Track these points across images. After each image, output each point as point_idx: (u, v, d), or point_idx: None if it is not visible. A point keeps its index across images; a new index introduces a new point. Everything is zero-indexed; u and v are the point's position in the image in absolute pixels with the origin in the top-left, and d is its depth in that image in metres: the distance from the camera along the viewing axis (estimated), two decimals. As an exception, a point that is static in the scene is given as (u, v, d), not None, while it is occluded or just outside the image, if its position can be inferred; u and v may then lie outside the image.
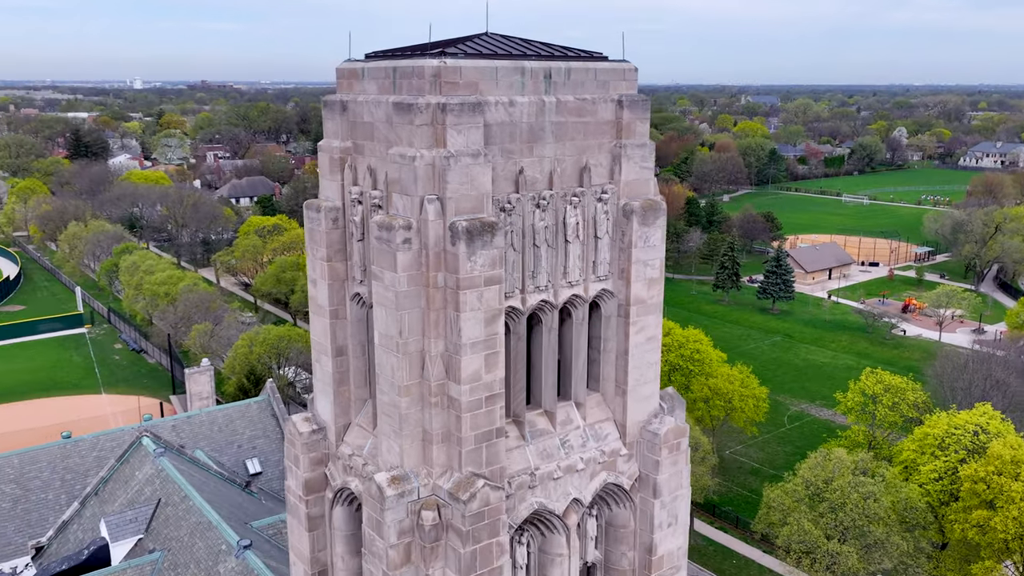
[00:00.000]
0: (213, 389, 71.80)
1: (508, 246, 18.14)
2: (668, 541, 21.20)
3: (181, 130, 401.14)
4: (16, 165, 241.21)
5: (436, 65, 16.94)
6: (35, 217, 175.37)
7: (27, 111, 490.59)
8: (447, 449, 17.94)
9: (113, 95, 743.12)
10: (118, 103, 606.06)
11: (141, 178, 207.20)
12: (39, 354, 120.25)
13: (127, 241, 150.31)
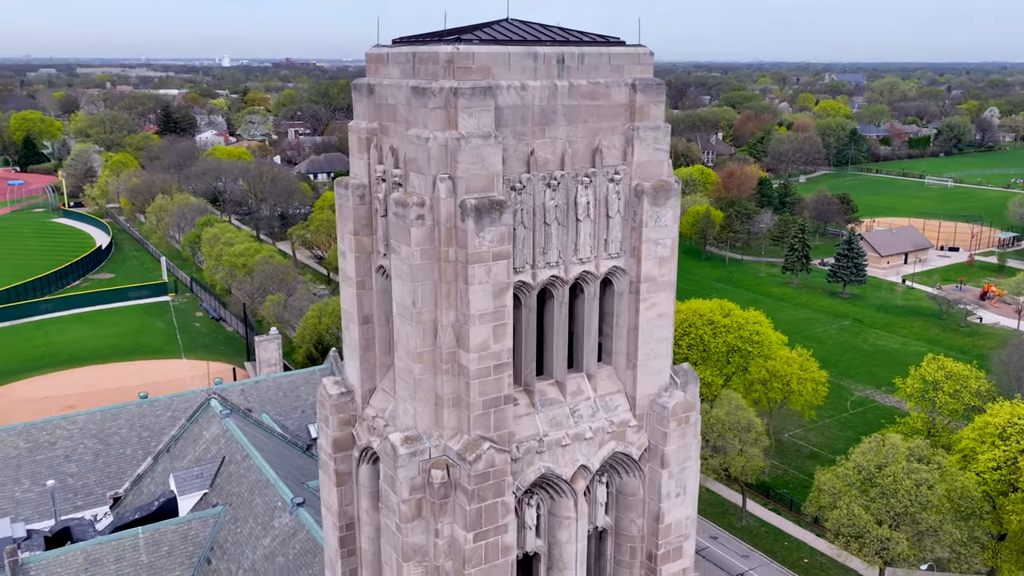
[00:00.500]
0: (280, 356, 74.89)
1: (519, 223, 19.03)
2: (676, 510, 21.93)
3: (264, 107, 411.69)
4: (110, 140, 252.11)
5: (450, 51, 17.87)
6: (126, 190, 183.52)
7: (122, 88, 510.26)
8: (457, 413, 19.06)
9: (202, 72, 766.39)
10: (207, 80, 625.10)
11: (224, 153, 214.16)
12: (126, 320, 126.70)
13: (210, 214, 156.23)
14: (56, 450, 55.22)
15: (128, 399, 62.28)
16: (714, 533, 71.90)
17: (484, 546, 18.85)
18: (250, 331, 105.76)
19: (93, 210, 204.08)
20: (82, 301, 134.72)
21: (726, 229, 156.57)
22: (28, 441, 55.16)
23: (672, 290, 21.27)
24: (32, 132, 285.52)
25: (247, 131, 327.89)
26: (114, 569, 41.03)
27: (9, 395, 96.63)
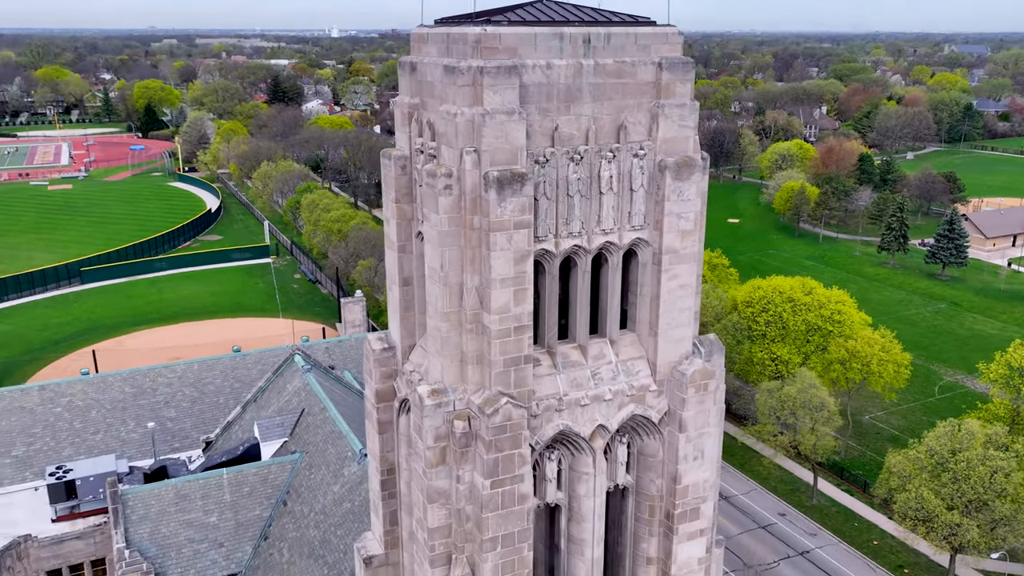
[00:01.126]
0: (365, 318, 78.02)
1: (541, 195, 20.13)
2: (693, 473, 22.80)
3: (369, 77, 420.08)
4: (222, 108, 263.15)
5: (478, 32, 19.01)
6: (235, 156, 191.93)
7: (237, 58, 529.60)
8: (480, 370, 20.45)
9: (312, 43, 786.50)
10: (315, 51, 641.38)
11: (327, 123, 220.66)
12: (230, 279, 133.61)
13: (310, 180, 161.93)
14: (157, 396, 59.71)
15: (225, 353, 66.43)
16: (783, 510, 71.59)
17: (501, 493, 20.28)
18: (342, 294, 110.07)
19: (205, 175, 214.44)
20: (192, 261, 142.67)
21: (821, 206, 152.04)
22: (133, 387, 59.81)
23: (695, 262, 21.98)
24: (153, 100, 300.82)
25: (350, 101, 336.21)
26: (200, 505, 44.55)
27: (124, 344, 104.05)
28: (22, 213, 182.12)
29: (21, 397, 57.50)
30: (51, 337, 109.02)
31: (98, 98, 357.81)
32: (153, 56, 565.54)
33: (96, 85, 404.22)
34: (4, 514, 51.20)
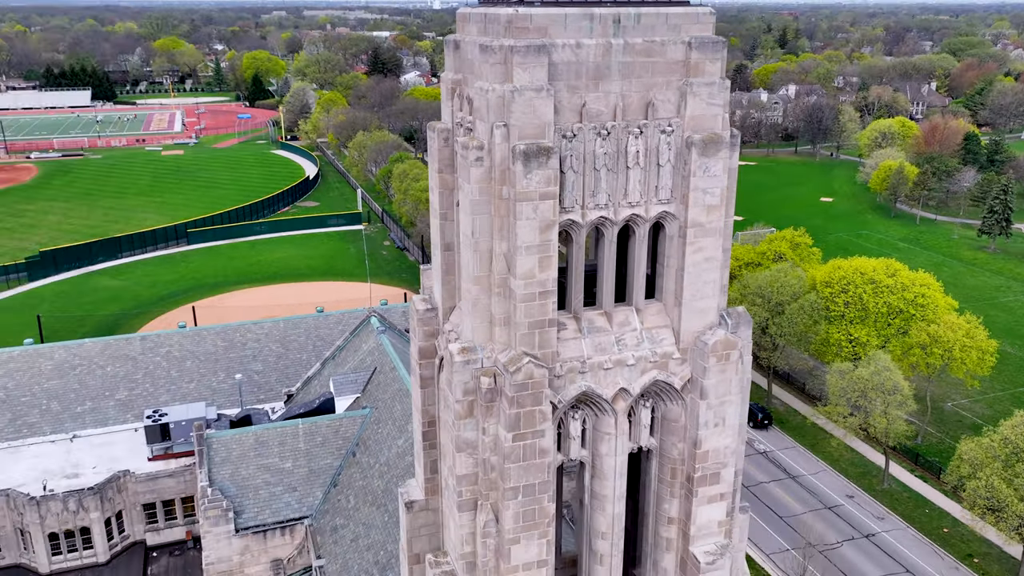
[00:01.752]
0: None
1: (568, 168, 21.12)
2: (714, 439, 23.57)
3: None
4: (323, 79, 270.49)
5: (510, 13, 20.05)
6: (333, 126, 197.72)
7: (340, 30, 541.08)
8: (507, 331, 21.73)
9: (414, 15, 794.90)
10: (416, 23, 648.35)
11: (423, 94, 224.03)
12: (323, 244, 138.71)
13: (403, 151, 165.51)
14: (246, 350, 63.54)
15: (310, 313, 69.88)
16: (851, 492, 70.67)
17: (522, 446, 21.60)
18: (425, 261, 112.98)
19: (305, 143, 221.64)
20: (289, 225, 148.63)
21: (920, 186, 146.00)
22: (225, 340, 63.78)
23: (720, 236, 22.56)
24: (260, 71, 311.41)
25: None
26: (277, 451, 47.67)
27: (224, 302, 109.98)
28: (138, 177, 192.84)
29: (125, 346, 62.17)
30: (158, 293, 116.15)
31: (210, 68, 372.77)
32: (263, 28, 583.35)
33: (209, 55, 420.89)
34: (107, 451, 55.83)
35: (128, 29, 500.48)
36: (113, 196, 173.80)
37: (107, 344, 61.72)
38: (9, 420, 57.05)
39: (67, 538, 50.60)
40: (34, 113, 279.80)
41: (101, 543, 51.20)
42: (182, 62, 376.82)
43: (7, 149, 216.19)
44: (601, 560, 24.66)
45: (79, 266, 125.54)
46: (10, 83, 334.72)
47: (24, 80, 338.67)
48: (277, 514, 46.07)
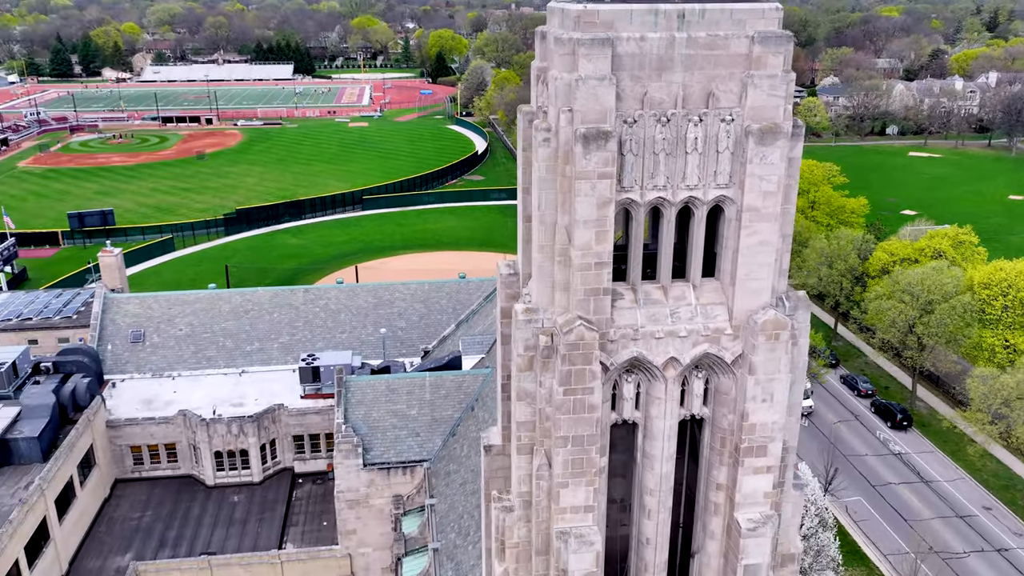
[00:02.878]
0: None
1: (628, 151, 22.84)
2: (760, 413, 24.66)
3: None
4: (501, 58, 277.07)
5: (579, 9, 21.96)
6: (504, 104, 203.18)
7: (525, 10, 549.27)
8: (566, 296, 23.85)
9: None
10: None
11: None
12: (485, 217, 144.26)
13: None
14: (393, 308, 68.81)
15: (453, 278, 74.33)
16: (988, 503, 66.95)
17: (572, 400, 23.76)
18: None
19: (478, 120, 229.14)
20: (455, 197, 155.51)
21: None
22: (375, 298, 69.35)
23: (776, 221, 23.49)
24: (444, 48, 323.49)
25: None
26: (405, 399, 52.11)
27: (385, 265, 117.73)
28: (326, 146, 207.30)
29: (290, 296, 69.04)
30: (332, 253, 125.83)
31: (399, 45, 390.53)
32: (452, 7, 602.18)
33: (399, 33, 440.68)
34: (268, 386, 62.70)
35: (331, 7, 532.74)
36: (303, 162, 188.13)
37: (275, 293, 68.86)
38: (192, 352, 65.29)
39: (229, 457, 57.75)
40: (243, 85, 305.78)
41: (256, 465, 58.02)
42: (375, 39, 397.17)
43: (218, 117, 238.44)
44: (649, 515, 26.46)
45: (267, 224, 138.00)
46: (226, 57, 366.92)
47: (238, 54, 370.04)
48: (400, 455, 50.55)
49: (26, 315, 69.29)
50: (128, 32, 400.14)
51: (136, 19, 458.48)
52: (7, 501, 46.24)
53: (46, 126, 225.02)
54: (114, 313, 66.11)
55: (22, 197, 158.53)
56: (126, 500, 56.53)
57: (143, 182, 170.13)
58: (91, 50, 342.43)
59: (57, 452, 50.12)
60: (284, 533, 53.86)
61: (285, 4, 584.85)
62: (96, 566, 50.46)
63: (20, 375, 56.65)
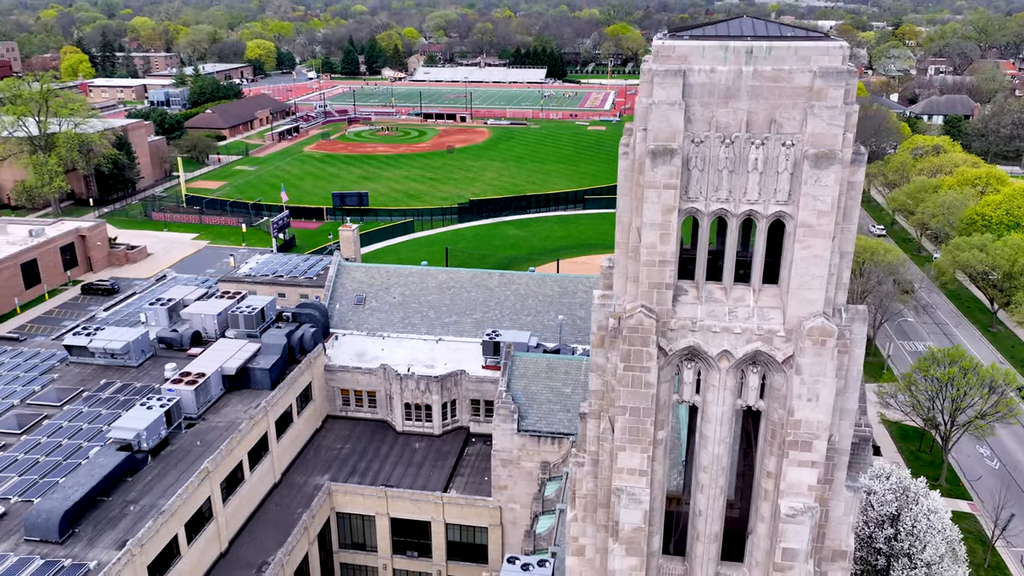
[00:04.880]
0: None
1: (694, 167, 25.90)
2: (805, 411, 26.63)
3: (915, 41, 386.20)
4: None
5: (659, 44, 25.41)
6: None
7: (785, 18, 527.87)
8: (635, 287, 27.38)
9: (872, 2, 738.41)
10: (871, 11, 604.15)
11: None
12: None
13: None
14: (576, 298, 73.68)
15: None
16: None
17: (631, 376, 27.27)
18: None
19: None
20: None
21: None
22: (561, 288, 74.65)
23: (828, 238, 25.41)
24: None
25: (883, 66, 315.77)
26: (562, 377, 56.95)
27: (593, 261, 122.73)
28: (562, 146, 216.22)
29: (487, 279, 76.20)
30: (549, 246, 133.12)
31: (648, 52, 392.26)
32: (712, 14, 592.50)
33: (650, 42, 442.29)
34: (457, 355, 70.25)
35: (591, 15, 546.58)
36: (538, 161, 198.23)
37: (475, 275, 76.39)
38: (400, 318, 74.56)
39: (416, 409, 65.90)
40: (499, 86, 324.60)
41: (437, 419, 65.68)
42: (626, 46, 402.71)
43: (472, 115, 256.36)
44: (702, 490, 29.26)
45: (495, 215, 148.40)
46: (487, 60, 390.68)
47: (498, 58, 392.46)
48: (551, 426, 55.47)
49: (279, 273, 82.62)
50: (408, 36, 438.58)
51: (417, 24, 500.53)
52: (241, 415, 57.14)
53: (330, 117, 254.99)
54: (344, 278, 77.06)
55: (302, 177, 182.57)
56: (332, 433, 66.58)
57: (398, 170, 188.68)
58: (375, 52, 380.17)
59: (282, 383, 60.67)
60: (451, 480, 60.84)
61: (549, 11, 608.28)
62: (301, 481, 60.50)
63: (266, 320, 68.52)
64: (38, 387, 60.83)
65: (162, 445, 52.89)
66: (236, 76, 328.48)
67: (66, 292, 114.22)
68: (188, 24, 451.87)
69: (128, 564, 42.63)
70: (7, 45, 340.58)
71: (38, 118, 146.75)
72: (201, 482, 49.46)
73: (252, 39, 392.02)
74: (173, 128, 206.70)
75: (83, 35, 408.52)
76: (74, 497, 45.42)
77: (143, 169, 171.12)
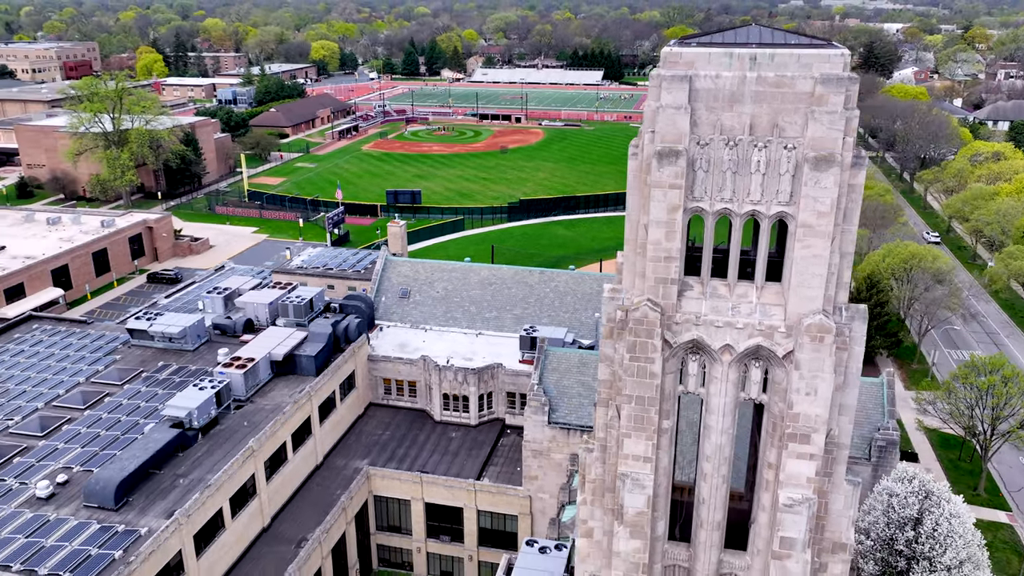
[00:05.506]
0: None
1: (700, 168, 26.98)
2: (803, 404, 27.48)
3: (986, 44, 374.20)
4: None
5: (666, 51, 26.57)
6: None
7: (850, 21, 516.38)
8: (642, 282, 28.57)
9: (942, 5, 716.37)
10: (940, 14, 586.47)
11: (902, 92, 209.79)
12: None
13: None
14: (613, 297, 74.23)
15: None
16: None
17: (636, 366, 28.48)
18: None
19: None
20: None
21: None
22: (599, 286, 75.64)
23: (827, 238, 26.23)
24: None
25: (949, 70, 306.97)
26: (592, 373, 57.97)
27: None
28: (615, 148, 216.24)
29: (527, 276, 77.67)
30: (595, 246, 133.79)
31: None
32: (774, 17, 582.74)
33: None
34: (495, 348, 71.85)
35: (651, 17, 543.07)
36: (590, 163, 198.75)
37: (516, 271, 77.95)
38: (443, 312, 76.58)
39: (453, 400, 67.77)
40: (555, 88, 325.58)
41: (474, 410, 67.45)
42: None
43: (527, 116, 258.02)
44: (705, 478, 30.29)
45: (544, 215, 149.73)
46: (545, 62, 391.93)
47: (556, 60, 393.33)
48: (581, 420, 56.65)
49: (329, 266, 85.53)
50: (468, 38, 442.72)
51: (477, 26, 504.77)
52: (286, 399, 59.80)
53: (388, 117, 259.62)
54: (390, 272, 79.44)
55: (359, 174, 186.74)
56: (374, 419, 68.93)
57: (452, 169, 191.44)
58: (435, 53, 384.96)
59: (326, 370, 63.18)
60: (484, 469, 62.50)
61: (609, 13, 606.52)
62: (341, 464, 62.92)
63: (314, 310, 71.26)
64: (102, 367, 64.58)
65: (212, 424, 55.77)
66: (300, 76, 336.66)
67: (133, 280, 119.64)
68: (257, 25, 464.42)
69: (175, 532, 45.38)
70: (88, 45, 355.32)
71: (112, 115, 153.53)
72: (246, 460, 52.11)
73: (317, 40, 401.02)
74: (239, 126, 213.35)
75: (158, 36, 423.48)
76: (129, 468, 48.44)
77: (208, 165, 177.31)
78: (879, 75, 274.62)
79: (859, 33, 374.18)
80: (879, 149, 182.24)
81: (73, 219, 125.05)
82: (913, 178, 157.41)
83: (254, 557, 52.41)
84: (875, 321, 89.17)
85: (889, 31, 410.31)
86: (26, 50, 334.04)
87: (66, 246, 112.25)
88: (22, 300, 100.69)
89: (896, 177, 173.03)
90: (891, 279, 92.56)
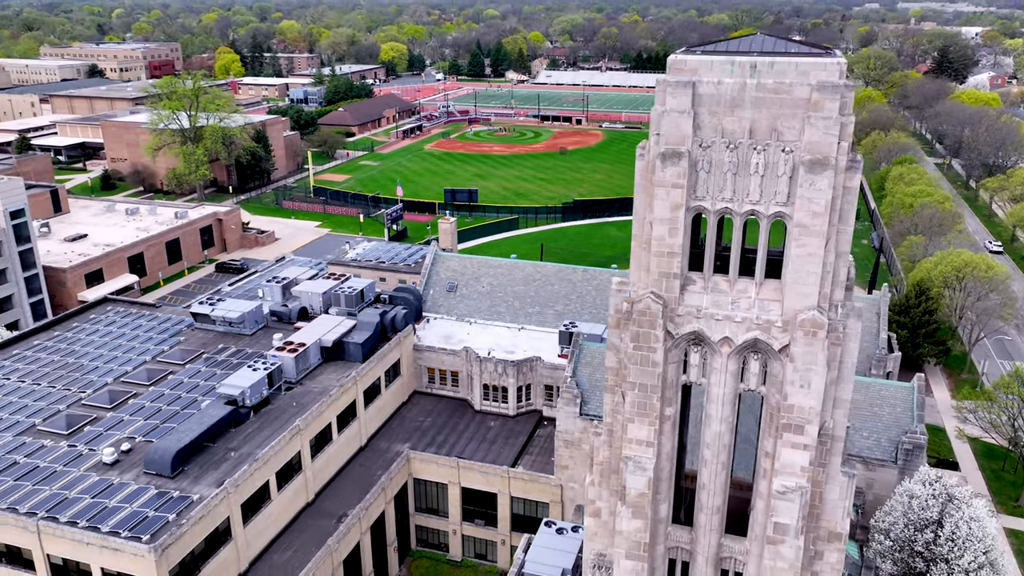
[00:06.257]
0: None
1: (701, 169, 28.32)
2: (797, 397, 28.56)
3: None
4: (870, 76, 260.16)
5: (671, 59, 28.01)
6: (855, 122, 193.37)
7: (927, 25, 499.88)
8: (647, 276, 30.05)
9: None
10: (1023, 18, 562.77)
11: (972, 99, 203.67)
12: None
13: (909, 155, 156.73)
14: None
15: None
16: None
17: (640, 355, 29.96)
18: (877, 265, 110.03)
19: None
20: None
21: None
22: (640, 285, 76.36)
23: (822, 238, 27.28)
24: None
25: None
26: (625, 368, 59.05)
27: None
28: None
29: (571, 274, 79.22)
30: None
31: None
32: (847, 20, 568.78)
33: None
34: (535, 343, 73.71)
35: (719, 20, 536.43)
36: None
37: (559, 269, 79.60)
38: (488, 306, 78.76)
39: (493, 391, 69.87)
40: (617, 91, 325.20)
41: (512, 401, 69.42)
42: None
43: (587, 118, 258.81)
44: (705, 465, 31.59)
45: (598, 216, 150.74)
46: (609, 65, 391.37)
47: (620, 63, 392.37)
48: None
49: (382, 259, 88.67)
50: (533, 40, 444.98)
51: (544, 28, 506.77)
52: (333, 383, 62.81)
53: (452, 117, 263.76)
54: (439, 266, 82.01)
55: (420, 173, 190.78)
56: (417, 406, 71.55)
57: (511, 169, 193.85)
58: (501, 55, 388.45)
59: (372, 358, 66.02)
60: (519, 458, 64.41)
61: (677, 15, 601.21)
62: (384, 447, 65.66)
63: (365, 300, 74.27)
64: (167, 347, 68.79)
65: (263, 403, 59.10)
66: (369, 77, 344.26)
67: (202, 269, 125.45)
68: (330, 27, 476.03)
69: (224, 500, 48.60)
70: (171, 46, 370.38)
71: (189, 112, 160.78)
72: (292, 437, 55.18)
73: (387, 42, 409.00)
74: (308, 124, 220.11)
75: (237, 37, 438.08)
76: (185, 440, 51.94)
77: (278, 161, 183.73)
78: (951, 80, 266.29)
79: (934, 37, 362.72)
80: (946, 156, 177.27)
81: (150, 210, 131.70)
82: (978, 186, 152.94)
83: (298, 529, 55.44)
84: (923, 329, 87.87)
85: (967, 35, 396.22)
86: (115, 50, 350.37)
87: (142, 235, 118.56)
88: (101, 285, 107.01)
89: (961, 185, 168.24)
90: (943, 287, 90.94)
